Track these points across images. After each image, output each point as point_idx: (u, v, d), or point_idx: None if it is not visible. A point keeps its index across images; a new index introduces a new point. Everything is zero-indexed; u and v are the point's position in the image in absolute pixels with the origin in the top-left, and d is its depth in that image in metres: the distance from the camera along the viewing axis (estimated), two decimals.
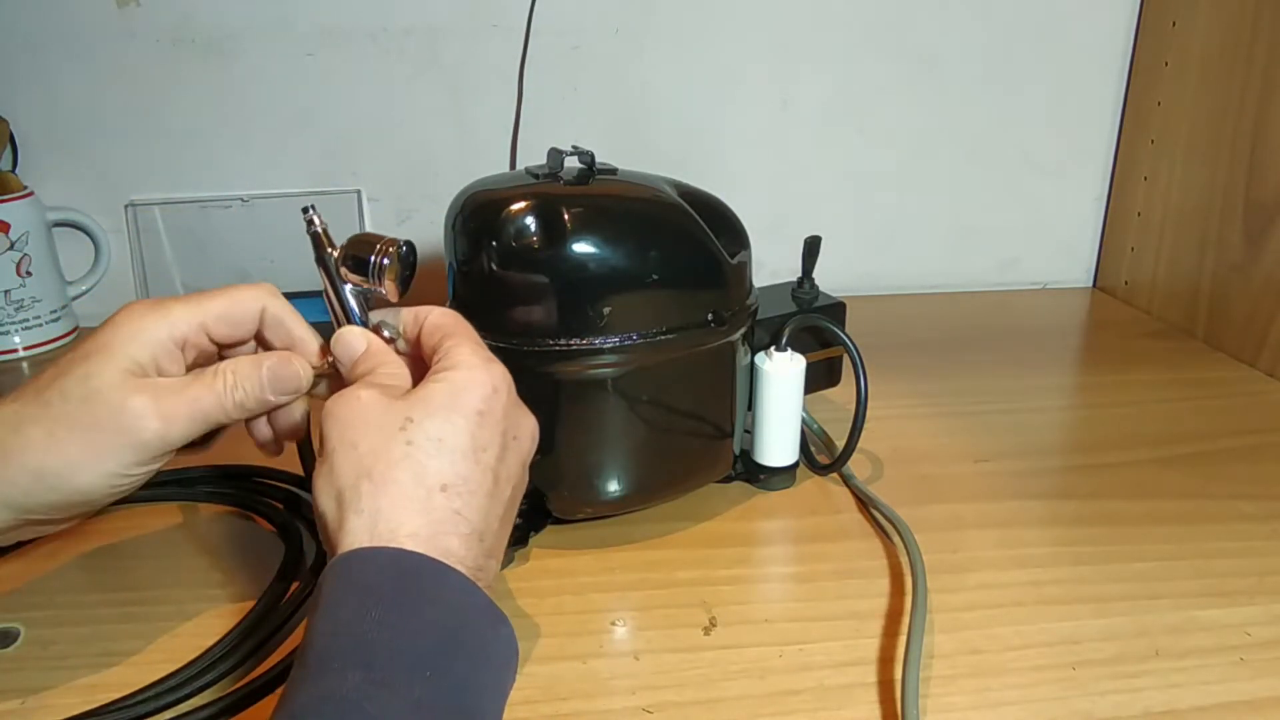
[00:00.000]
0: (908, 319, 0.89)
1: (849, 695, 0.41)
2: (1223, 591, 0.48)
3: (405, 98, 0.85)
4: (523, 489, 0.40)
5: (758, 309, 0.54)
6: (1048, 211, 0.97)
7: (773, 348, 0.55)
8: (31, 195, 0.80)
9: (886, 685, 0.41)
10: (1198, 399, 0.71)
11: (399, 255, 0.40)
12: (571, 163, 0.51)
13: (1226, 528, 0.54)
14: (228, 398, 0.38)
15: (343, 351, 0.40)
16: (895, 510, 0.53)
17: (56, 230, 0.83)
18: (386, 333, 0.41)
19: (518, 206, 0.48)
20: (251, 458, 0.57)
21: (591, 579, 0.49)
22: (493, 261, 0.48)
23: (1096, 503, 0.57)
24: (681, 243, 0.50)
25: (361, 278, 0.40)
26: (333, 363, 0.41)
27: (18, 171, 0.81)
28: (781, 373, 0.55)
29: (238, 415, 0.39)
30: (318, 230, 0.41)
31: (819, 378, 0.61)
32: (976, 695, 0.41)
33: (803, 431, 0.58)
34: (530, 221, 0.47)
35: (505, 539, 0.38)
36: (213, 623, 0.45)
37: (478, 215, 0.49)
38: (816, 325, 0.58)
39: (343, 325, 0.41)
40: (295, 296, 0.42)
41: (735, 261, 0.52)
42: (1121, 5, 0.90)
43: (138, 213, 0.84)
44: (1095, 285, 1.00)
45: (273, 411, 0.41)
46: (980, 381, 0.74)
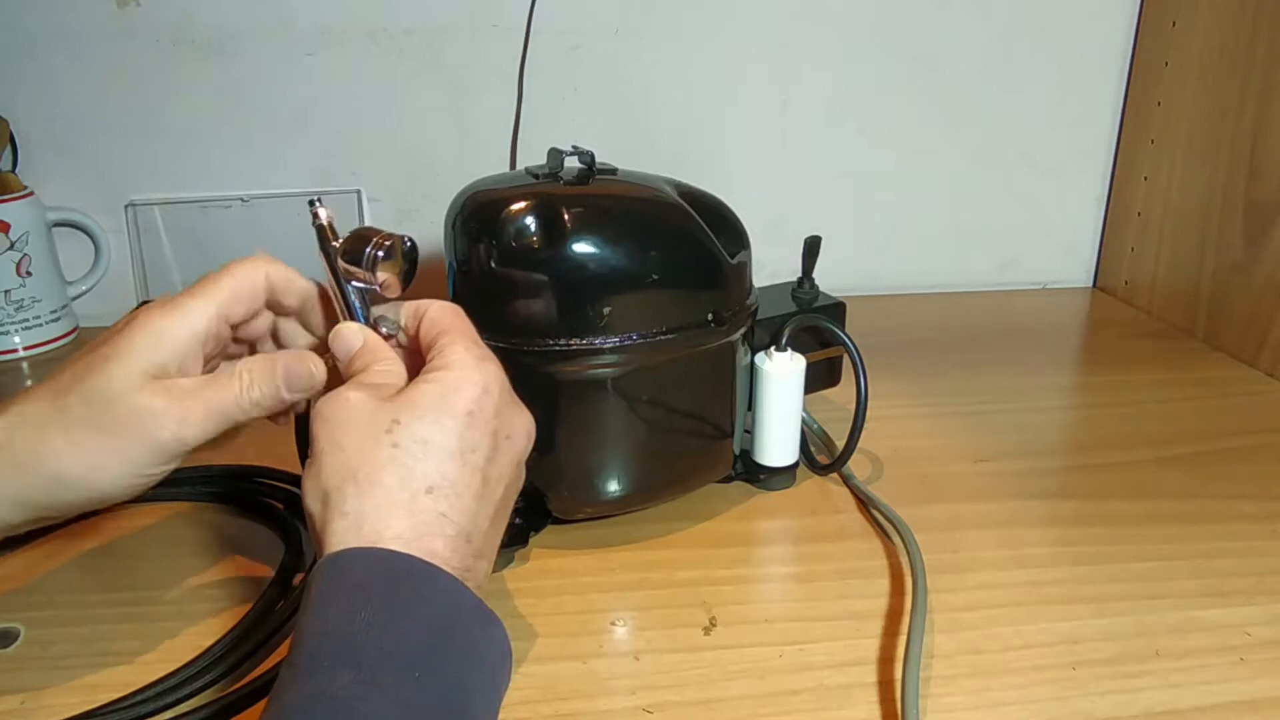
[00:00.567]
0: (908, 319, 0.89)
1: (849, 695, 0.41)
2: (1223, 591, 0.48)
3: (405, 98, 0.85)
4: (518, 487, 0.40)
5: (758, 309, 0.54)
6: (1048, 211, 0.97)
7: (773, 348, 0.55)
8: (31, 195, 0.80)
9: (886, 685, 0.41)
10: (1198, 399, 0.71)
11: (400, 250, 0.40)
12: (571, 163, 0.51)
13: (1226, 528, 0.54)
14: (244, 398, 0.39)
15: (339, 347, 0.40)
16: (895, 510, 0.53)
17: (56, 230, 0.83)
18: (385, 328, 0.41)
19: (518, 206, 0.48)
20: (251, 458, 0.57)
21: (591, 579, 0.49)
22: (493, 261, 0.48)
23: (1096, 503, 0.57)
24: (681, 243, 0.50)
25: (359, 271, 0.40)
26: (331, 358, 0.41)
27: (18, 171, 0.81)
28: (781, 373, 0.55)
29: (255, 414, 0.39)
30: (323, 223, 0.41)
31: (819, 378, 0.61)
32: (976, 695, 0.41)
33: (803, 431, 0.58)
34: (530, 221, 0.47)
35: (497, 539, 0.38)
36: (212, 623, 0.45)
37: (478, 215, 0.49)
38: (816, 325, 0.58)
39: (343, 320, 0.41)
40: None
41: (735, 261, 0.52)
42: (1121, 5, 0.90)
43: (138, 213, 0.84)
44: (1095, 285, 1.00)
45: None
46: (980, 381, 0.74)
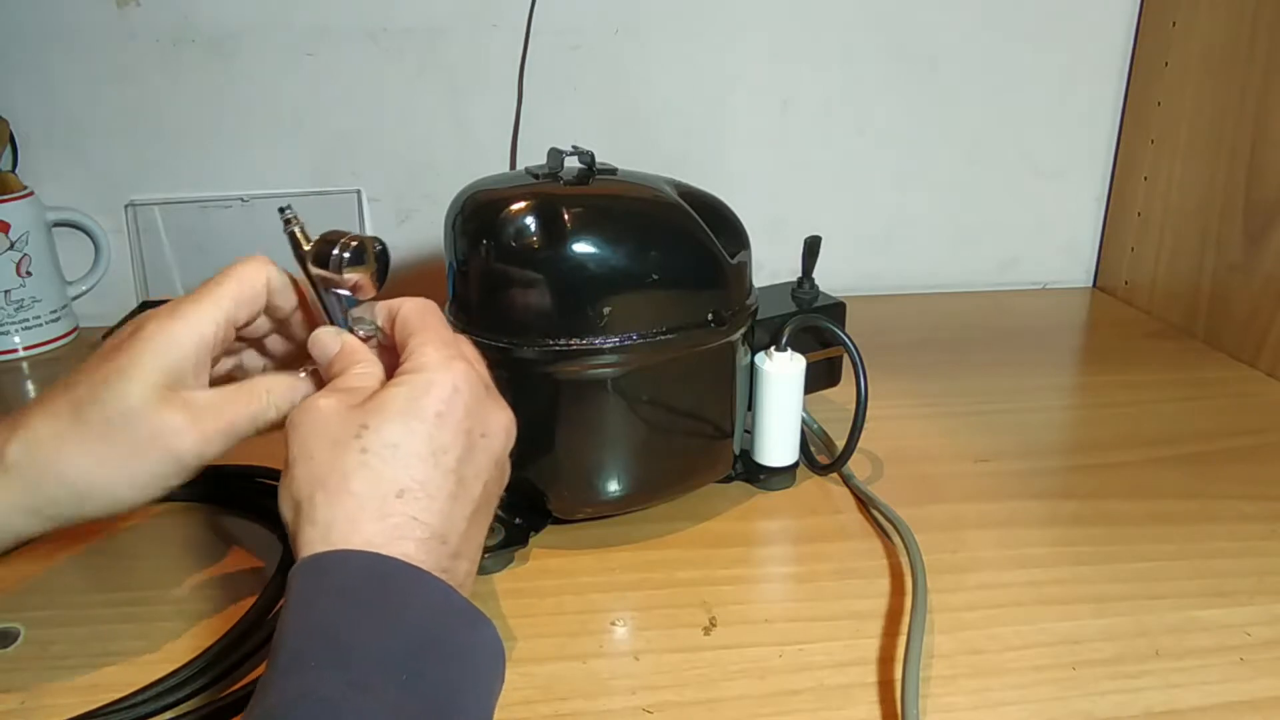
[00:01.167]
0: (908, 319, 0.89)
1: (849, 695, 0.41)
2: (1223, 591, 0.48)
3: (405, 98, 0.85)
4: (501, 484, 0.39)
5: (758, 309, 0.54)
6: (1048, 211, 0.97)
7: (773, 348, 0.55)
8: (31, 195, 0.80)
9: (886, 685, 0.41)
10: (1198, 399, 0.71)
11: (370, 250, 0.40)
12: (571, 163, 0.51)
13: (1226, 528, 0.54)
14: (262, 419, 0.39)
15: (318, 352, 0.40)
16: (895, 510, 0.53)
17: (56, 230, 0.83)
18: (362, 330, 0.41)
19: (518, 206, 0.48)
20: (251, 458, 0.57)
21: (591, 579, 0.49)
22: (493, 261, 0.48)
23: (1096, 503, 0.57)
24: (681, 243, 0.50)
25: (329, 274, 0.40)
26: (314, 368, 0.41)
27: (18, 171, 0.81)
28: (781, 373, 0.55)
29: (268, 430, 0.40)
30: (294, 230, 0.41)
31: (819, 378, 0.61)
32: (976, 695, 0.41)
33: (803, 431, 0.58)
34: (530, 221, 0.47)
35: (479, 538, 0.38)
36: (212, 623, 0.45)
37: (478, 215, 0.49)
38: (816, 325, 0.58)
39: (321, 325, 0.41)
40: None
41: (735, 261, 0.52)
42: (1121, 5, 0.90)
43: (138, 213, 0.84)
44: (1095, 285, 1.00)
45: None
46: (980, 381, 0.74)
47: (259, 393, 0.39)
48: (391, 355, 0.40)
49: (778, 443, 0.56)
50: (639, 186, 0.51)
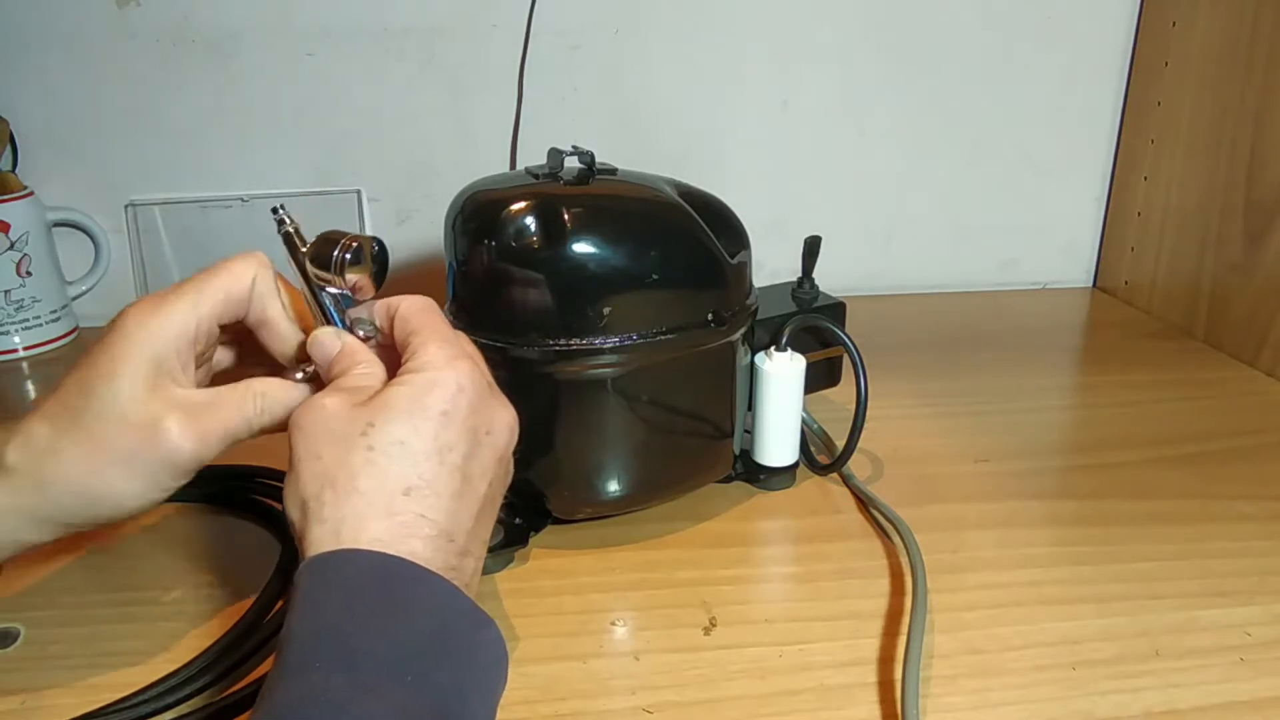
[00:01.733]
0: (908, 319, 0.89)
1: (849, 695, 0.41)
2: (1223, 591, 0.48)
3: (405, 98, 0.85)
4: (505, 482, 0.39)
5: (758, 309, 0.54)
6: (1048, 211, 0.97)
7: (773, 348, 0.55)
8: (31, 195, 0.80)
9: (886, 685, 0.41)
10: (1198, 399, 0.71)
11: (367, 252, 0.40)
12: (571, 163, 0.51)
13: (1226, 528, 0.54)
14: (256, 422, 0.39)
15: (318, 354, 0.40)
16: (895, 510, 0.53)
17: (56, 230, 0.83)
18: (362, 331, 0.40)
19: (518, 206, 0.48)
20: (251, 458, 0.57)
21: (591, 579, 0.49)
22: (493, 261, 0.48)
23: (1096, 503, 0.57)
24: (681, 243, 0.50)
25: (328, 275, 0.40)
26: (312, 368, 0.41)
27: (18, 171, 0.81)
28: (781, 373, 0.55)
29: (261, 433, 0.40)
30: (289, 231, 0.41)
31: (819, 378, 0.61)
32: (976, 695, 0.41)
33: (803, 431, 0.58)
34: (530, 221, 0.47)
35: (484, 535, 0.38)
36: (212, 623, 0.45)
37: (478, 215, 0.49)
38: (816, 325, 0.58)
39: (320, 326, 0.41)
40: None
41: (735, 261, 0.52)
42: (1121, 5, 0.90)
43: (138, 213, 0.84)
44: (1095, 285, 1.00)
45: None
46: (980, 381, 0.74)
47: (252, 396, 0.39)
48: (391, 355, 0.40)
49: (778, 443, 0.56)
50: (639, 186, 0.51)
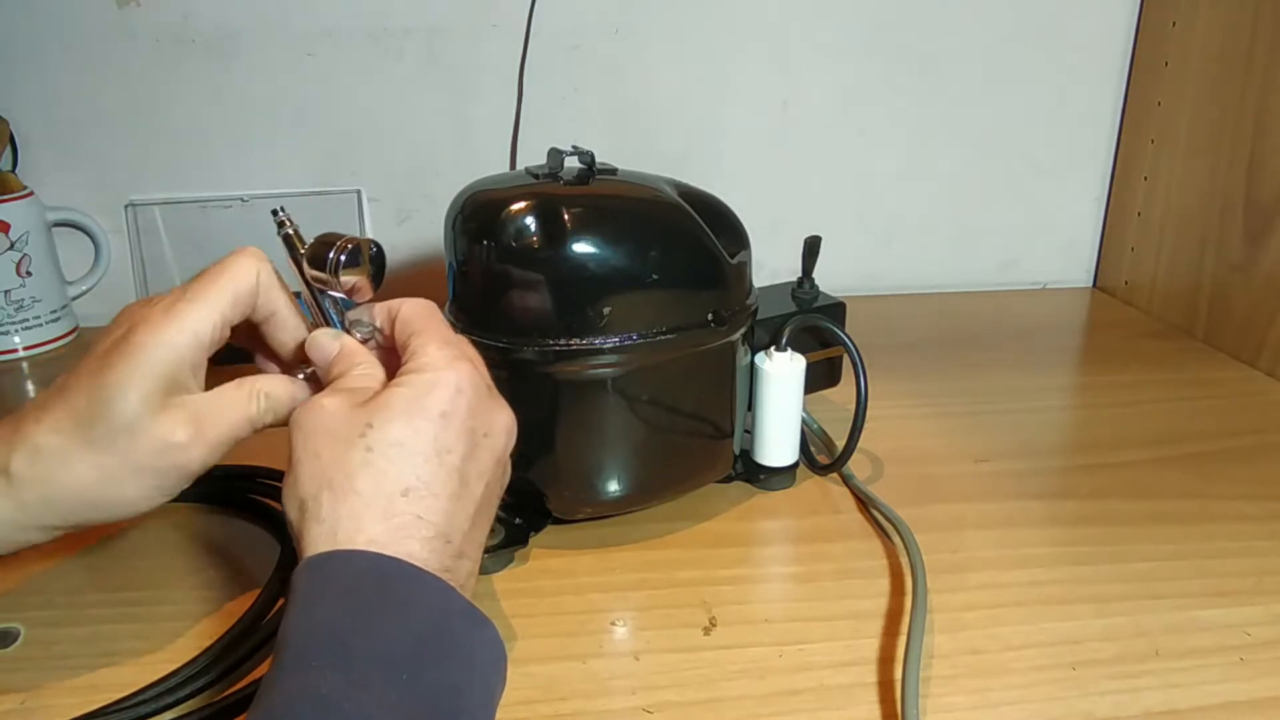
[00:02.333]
0: (908, 319, 0.89)
1: (849, 695, 0.41)
2: (1223, 591, 0.48)
3: (405, 98, 0.85)
4: (502, 484, 0.40)
5: (758, 309, 0.54)
6: (1048, 211, 0.97)
7: (773, 348, 0.55)
8: (31, 195, 0.80)
9: (886, 685, 0.41)
10: (1198, 399, 0.71)
11: (366, 253, 0.40)
12: (571, 163, 0.51)
13: (1226, 528, 0.54)
14: (259, 422, 0.39)
15: (317, 355, 0.40)
16: (895, 510, 0.53)
17: (56, 230, 0.83)
18: (360, 332, 0.41)
19: (518, 206, 0.48)
20: (251, 458, 0.57)
21: (591, 579, 0.49)
22: (493, 261, 0.48)
23: (1096, 503, 0.57)
24: (681, 243, 0.50)
25: (326, 276, 0.40)
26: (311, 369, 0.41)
27: (18, 171, 0.81)
28: (781, 373, 0.55)
29: (262, 429, 0.40)
30: (289, 232, 0.41)
31: (819, 378, 0.61)
32: (976, 695, 0.41)
33: (803, 431, 0.58)
34: (530, 221, 0.47)
35: (481, 538, 0.38)
36: (213, 623, 0.45)
37: (478, 215, 0.49)
38: (816, 325, 0.58)
39: (319, 327, 0.41)
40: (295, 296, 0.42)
41: (735, 261, 0.52)
42: (1121, 5, 0.90)
43: (138, 213, 0.84)
44: (1095, 285, 1.00)
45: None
46: (980, 381, 0.74)
47: (256, 396, 0.39)
48: (389, 357, 0.40)
49: (778, 443, 0.56)
50: (639, 186, 0.51)
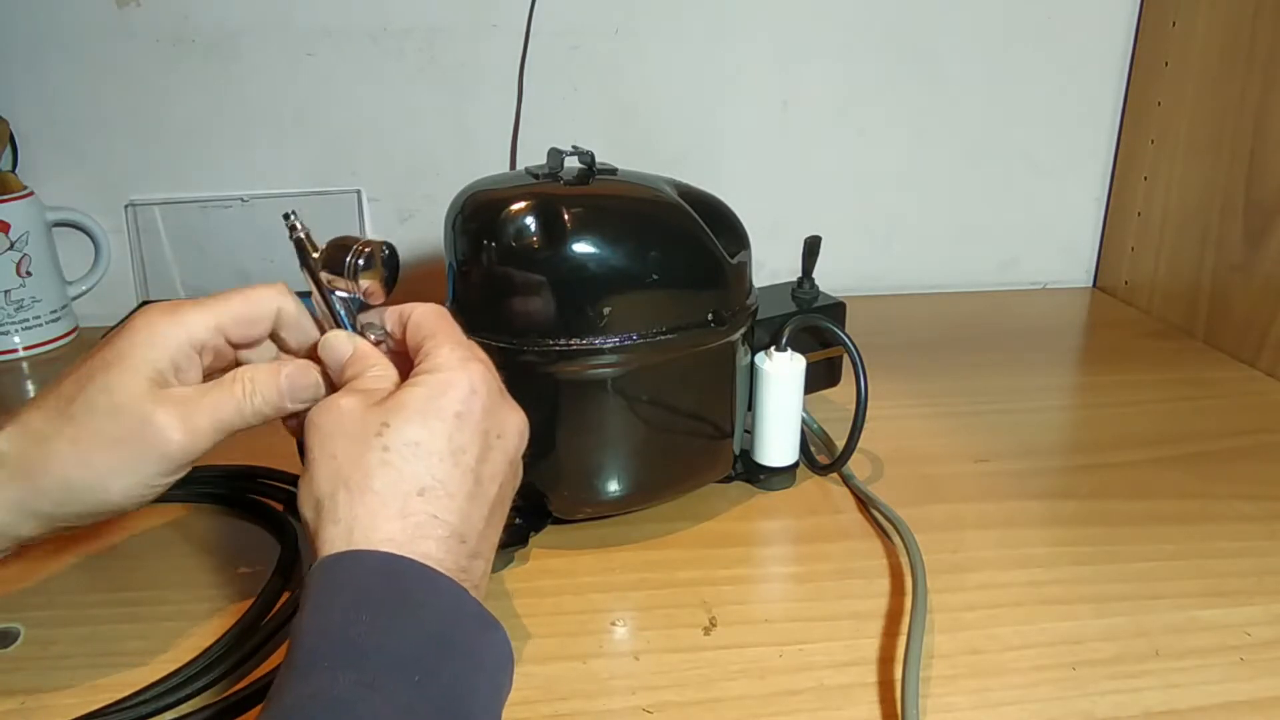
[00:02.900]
0: (908, 319, 0.89)
1: (849, 695, 0.41)
2: (1223, 591, 0.48)
3: (405, 98, 0.85)
4: (514, 486, 0.40)
5: (758, 309, 0.54)
6: (1048, 211, 0.97)
7: (773, 348, 0.55)
8: (31, 195, 0.80)
9: (886, 685, 0.41)
10: (1198, 399, 0.71)
11: (380, 257, 0.40)
12: (571, 163, 0.51)
13: (1226, 528, 0.54)
14: (247, 405, 0.39)
15: (330, 356, 0.40)
16: (895, 510, 0.53)
17: (56, 230, 0.83)
18: (373, 335, 0.41)
19: (518, 206, 0.48)
20: (252, 458, 0.57)
21: (591, 579, 0.49)
22: (493, 261, 0.48)
23: (1096, 503, 0.57)
24: (681, 243, 0.50)
25: (341, 280, 0.40)
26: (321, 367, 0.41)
27: (18, 171, 0.81)
28: (781, 373, 0.55)
29: (255, 422, 0.39)
30: (300, 235, 0.41)
31: (819, 378, 0.61)
32: (976, 695, 0.41)
33: (803, 431, 0.58)
34: (530, 221, 0.47)
35: (494, 538, 0.38)
36: (213, 623, 0.45)
37: (478, 215, 0.49)
38: (816, 325, 0.58)
39: (330, 330, 0.41)
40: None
41: (735, 261, 0.52)
42: (1121, 5, 0.90)
43: (138, 213, 0.84)
44: (1095, 285, 1.00)
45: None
46: (980, 381, 0.74)
47: (241, 379, 0.39)
48: (399, 361, 0.40)
49: (778, 443, 0.56)
50: (639, 186, 0.51)
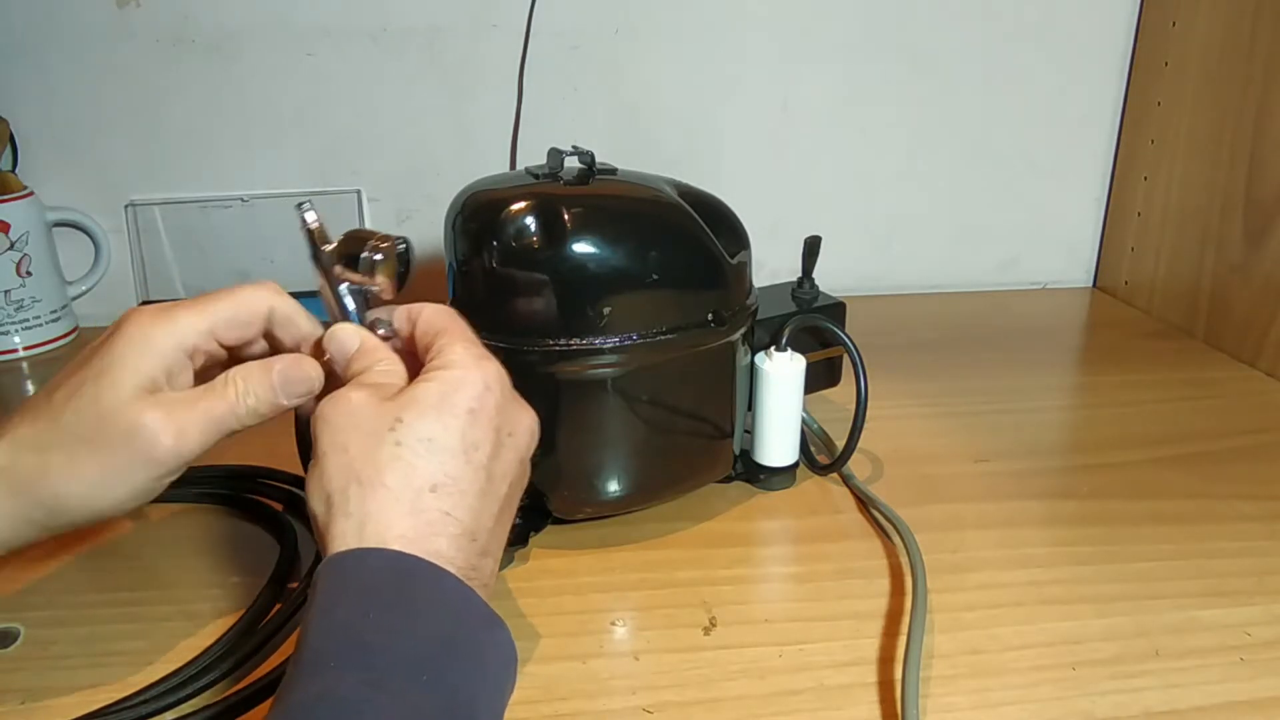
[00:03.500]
0: (908, 319, 0.89)
1: (849, 695, 0.41)
2: (1223, 591, 0.48)
3: (405, 98, 0.85)
4: (523, 485, 0.40)
5: (758, 309, 0.54)
6: (1048, 211, 0.97)
7: (773, 348, 0.55)
8: (31, 195, 0.80)
9: (886, 685, 0.41)
10: (1198, 399, 0.71)
11: (394, 251, 0.40)
12: (571, 163, 0.51)
13: (1226, 528, 0.54)
14: (240, 405, 0.38)
15: (337, 349, 0.40)
16: (895, 510, 0.53)
17: (56, 230, 0.83)
18: (381, 330, 0.41)
19: (518, 206, 0.48)
20: (252, 458, 0.57)
21: (591, 579, 0.49)
22: (493, 261, 0.48)
23: (1096, 503, 0.57)
24: (681, 243, 0.50)
25: (355, 274, 0.40)
26: (328, 360, 0.41)
27: (18, 171, 0.81)
28: (781, 373, 0.55)
29: (251, 421, 0.39)
30: (312, 228, 0.41)
31: (819, 378, 0.61)
32: (976, 695, 0.41)
33: (803, 431, 0.58)
34: (530, 221, 0.47)
35: (503, 536, 0.38)
36: (212, 623, 0.45)
37: (478, 215, 0.49)
38: (816, 325, 0.58)
39: (338, 322, 0.41)
40: (296, 296, 0.42)
41: (735, 261, 0.52)
42: (1121, 5, 0.90)
43: (138, 213, 0.84)
44: (1095, 285, 1.00)
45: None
46: (980, 381, 0.74)
47: (232, 381, 0.38)
48: (406, 360, 0.40)
49: (778, 443, 0.56)
50: (639, 186, 0.51)
